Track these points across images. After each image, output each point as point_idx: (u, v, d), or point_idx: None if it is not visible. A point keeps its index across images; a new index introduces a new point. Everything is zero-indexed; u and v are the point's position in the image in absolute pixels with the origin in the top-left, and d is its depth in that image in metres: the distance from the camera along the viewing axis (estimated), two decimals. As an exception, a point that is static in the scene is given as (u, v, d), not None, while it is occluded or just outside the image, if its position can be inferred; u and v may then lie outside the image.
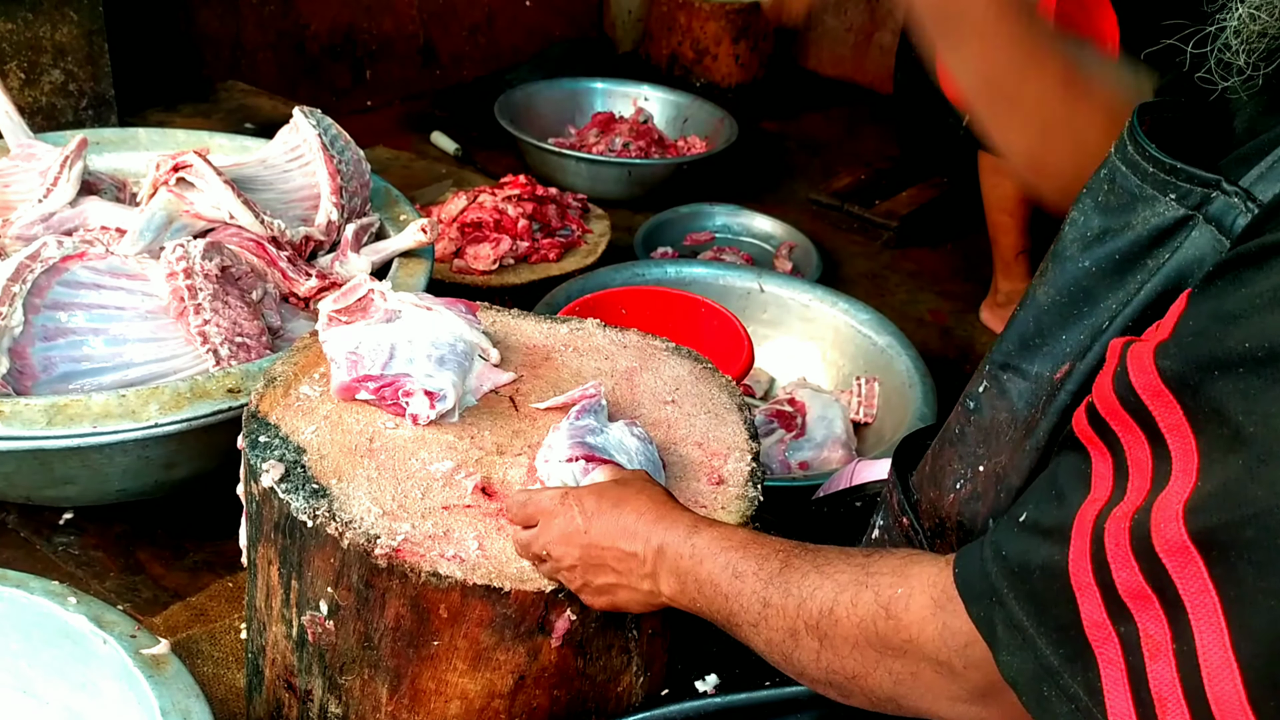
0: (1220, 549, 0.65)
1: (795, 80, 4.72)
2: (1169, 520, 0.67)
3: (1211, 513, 0.65)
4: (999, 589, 0.77)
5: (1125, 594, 0.69)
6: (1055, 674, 0.73)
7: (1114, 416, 0.74)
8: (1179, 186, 0.85)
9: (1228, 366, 0.67)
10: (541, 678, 1.14)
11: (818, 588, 0.91)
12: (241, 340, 1.68)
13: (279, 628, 1.24)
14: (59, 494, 1.68)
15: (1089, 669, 0.71)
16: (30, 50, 2.72)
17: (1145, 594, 0.68)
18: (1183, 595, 0.66)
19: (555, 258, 2.73)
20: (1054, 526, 0.75)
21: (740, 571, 0.97)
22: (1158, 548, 0.67)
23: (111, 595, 1.67)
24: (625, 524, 1.05)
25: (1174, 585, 0.66)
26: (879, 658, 0.87)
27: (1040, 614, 0.74)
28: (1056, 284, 0.92)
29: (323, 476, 1.18)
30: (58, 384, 1.61)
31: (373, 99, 4.01)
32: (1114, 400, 0.74)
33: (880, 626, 0.86)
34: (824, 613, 0.90)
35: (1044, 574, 0.74)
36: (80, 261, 1.73)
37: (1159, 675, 0.67)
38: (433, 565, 1.09)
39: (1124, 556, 0.69)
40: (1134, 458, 0.72)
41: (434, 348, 1.31)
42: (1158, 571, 0.67)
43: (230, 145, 2.28)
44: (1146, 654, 0.68)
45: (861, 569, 0.90)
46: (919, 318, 3.06)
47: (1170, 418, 0.70)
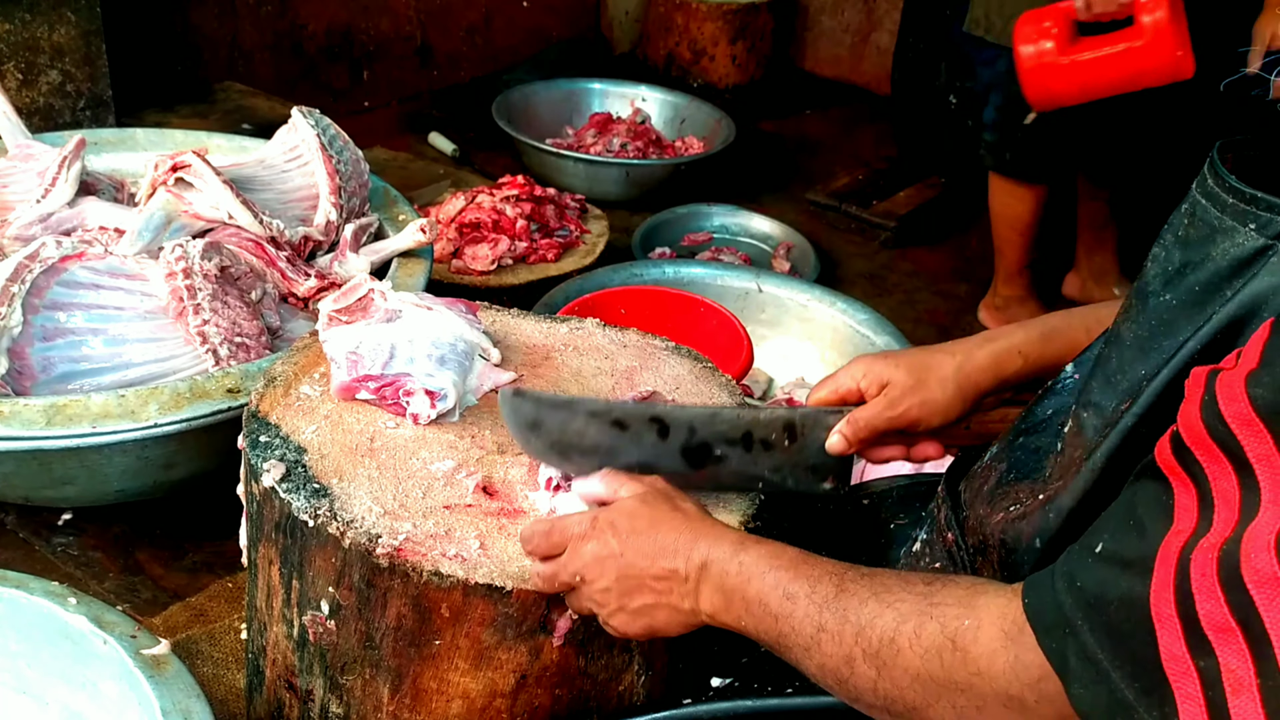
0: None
1: (793, 81, 4.73)
2: (1260, 550, 0.66)
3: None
4: (1073, 620, 0.76)
5: (1208, 627, 0.68)
6: (1130, 708, 0.72)
7: (1200, 446, 0.73)
8: (1259, 216, 0.85)
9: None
10: (543, 677, 1.14)
11: (877, 616, 0.89)
12: (241, 340, 1.68)
13: (280, 628, 1.23)
14: (58, 494, 1.67)
15: (1165, 703, 0.70)
16: (28, 51, 2.72)
17: (1229, 627, 0.67)
18: (1269, 628, 0.65)
19: (553, 258, 2.73)
20: (1135, 558, 0.74)
21: (792, 593, 0.94)
22: (1246, 579, 0.66)
23: (111, 596, 1.67)
24: (664, 543, 1.02)
25: (1260, 618, 0.65)
26: (941, 690, 0.85)
27: (1116, 647, 0.73)
28: (1139, 319, 0.92)
29: (324, 476, 1.18)
30: (57, 384, 1.61)
31: (370, 100, 4.01)
32: (1201, 430, 0.73)
33: (946, 659, 0.84)
34: (885, 642, 0.88)
35: (1122, 605, 0.73)
36: (79, 262, 1.72)
37: (1242, 710, 0.66)
38: (434, 564, 1.09)
39: (1210, 588, 0.68)
40: (1220, 489, 0.71)
41: (434, 347, 1.31)
42: (1244, 603, 0.66)
43: (228, 145, 2.28)
44: (1228, 689, 0.66)
45: (925, 599, 0.88)
46: (916, 318, 3.06)
47: (1261, 447, 0.69)
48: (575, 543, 1.05)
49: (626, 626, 1.05)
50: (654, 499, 1.07)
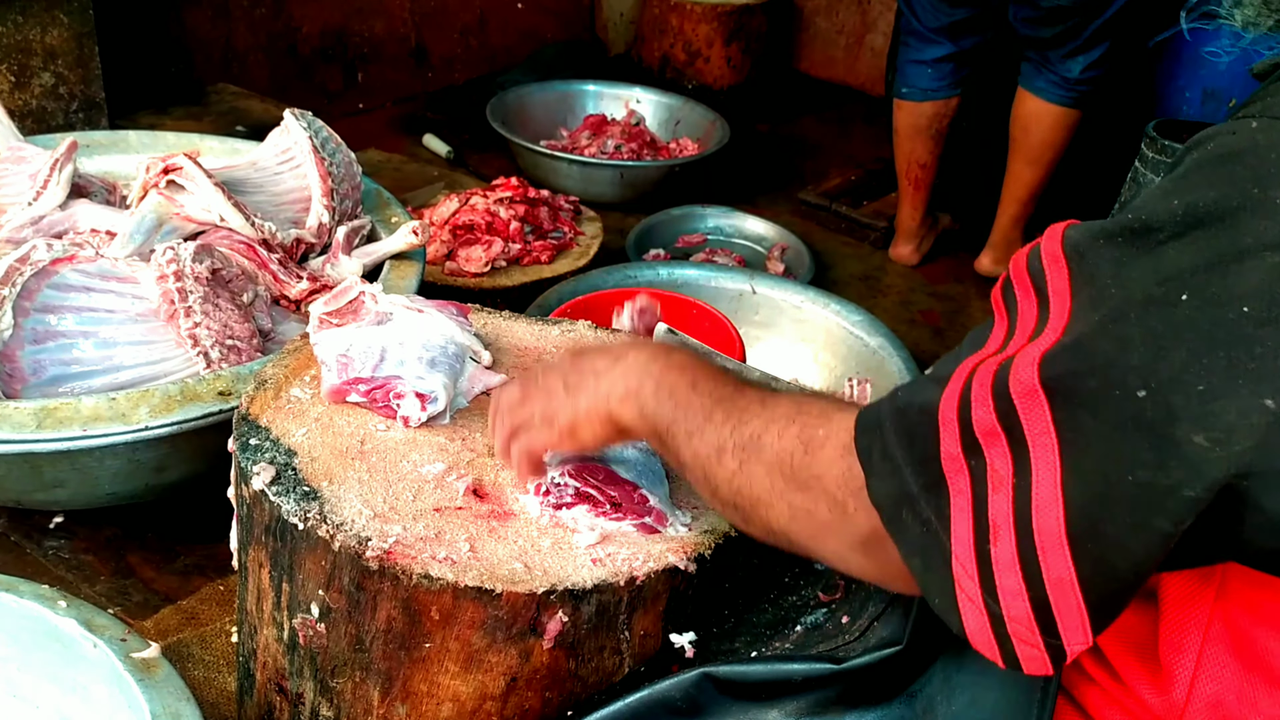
0: (1064, 395, 0.71)
1: (787, 82, 4.73)
2: (1026, 366, 0.73)
3: (1062, 362, 0.71)
4: (884, 423, 0.82)
5: (980, 431, 0.74)
6: (913, 499, 0.78)
7: (1019, 280, 0.80)
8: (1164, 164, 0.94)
9: (1111, 235, 0.74)
10: (533, 679, 1.14)
11: (756, 415, 0.95)
12: (232, 343, 1.68)
13: (270, 631, 1.23)
14: (49, 497, 1.67)
15: (941, 496, 0.77)
16: (20, 53, 2.72)
17: (996, 431, 0.73)
18: (1027, 434, 0.72)
19: (547, 260, 2.73)
20: (944, 375, 0.80)
21: (698, 387, 1.01)
22: (1012, 390, 0.73)
23: (102, 599, 1.67)
24: (607, 349, 1.11)
25: (1021, 425, 0.72)
26: (785, 488, 0.91)
27: (909, 446, 0.79)
28: None
29: (314, 479, 1.18)
30: (47, 387, 1.61)
31: (364, 101, 4.01)
32: (1024, 267, 0.80)
33: (796, 460, 0.90)
34: (753, 437, 0.94)
35: (919, 411, 0.80)
36: (70, 264, 1.72)
37: (997, 505, 0.73)
38: (424, 567, 1.09)
39: (984, 396, 0.75)
40: (1023, 317, 0.78)
41: (425, 350, 1.31)
42: (1009, 411, 0.73)
43: (221, 148, 2.28)
44: (990, 485, 0.74)
45: (796, 405, 0.94)
46: (910, 319, 3.06)
47: (1058, 281, 0.76)
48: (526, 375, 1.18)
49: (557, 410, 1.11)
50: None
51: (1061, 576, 0.71)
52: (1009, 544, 0.72)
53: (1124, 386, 0.68)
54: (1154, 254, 0.71)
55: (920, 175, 3.16)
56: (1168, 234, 0.71)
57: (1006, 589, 0.73)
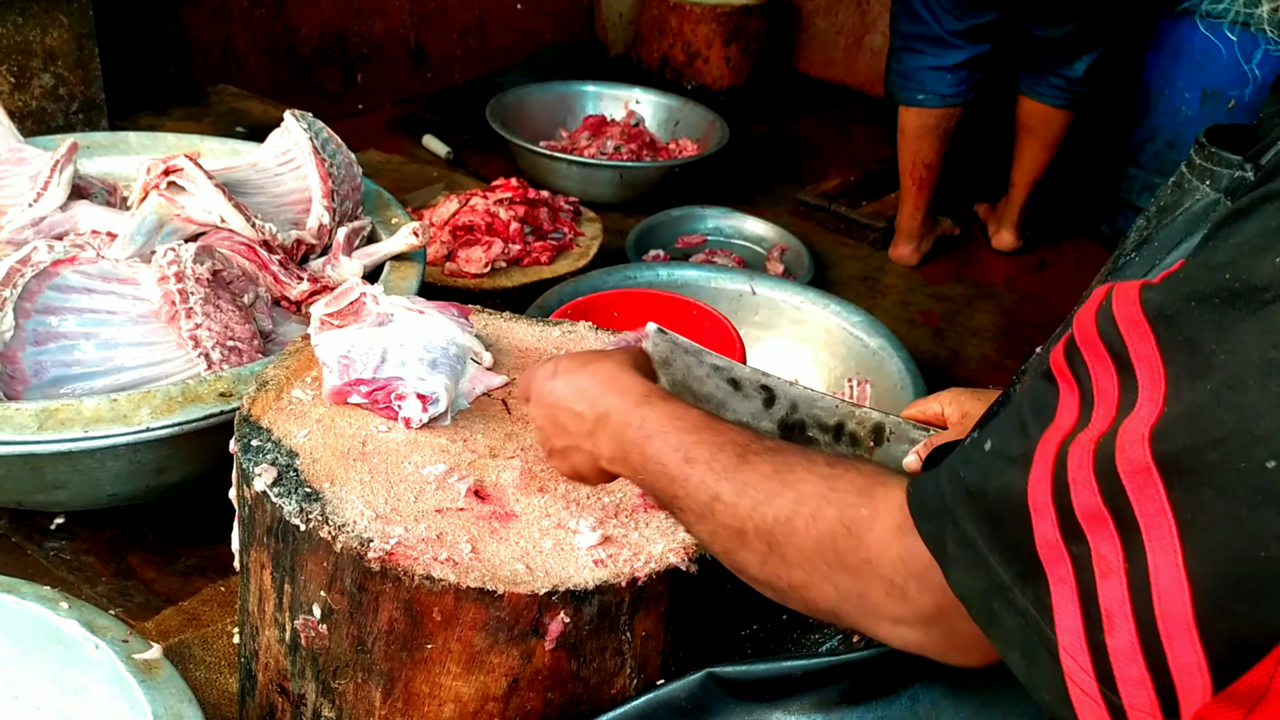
0: (1182, 472, 0.66)
1: (786, 83, 4.74)
2: (1134, 443, 0.68)
3: (1177, 436, 0.67)
4: (954, 509, 0.78)
5: (1081, 515, 0.70)
6: (1005, 589, 0.74)
7: (1089, 347, 0.75)
8: (1214, 171, 0.89)
9: (1206, 298, 0.69)
10: (535, 680, 1.14)
11: (776, 495, 0.89)
12: (233, 344, 1.68)
13: (272, 632, 1.23)
14: (50, 499, 1.67)
15: (1039, 585, 0.72)
16: (20, 54, 2.72)
17: (1101, 515, 0.69)
18: (1139, 516, 0.67)
19: (547, 261, 2.73)
20: (1018, 454, 0.76)
21: (692, 458, 0.95)
22: (1120, 470, 0.68)
23: (103, 600, 1.67)
24: (581, 384, 1.06)
25: (1131, 507, 0.68)
26: (829, 572, 0.86)
27: (993, 533, 0.75)
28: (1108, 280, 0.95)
29: (315, 480, 1.18)
30: (49, 388, 1.61)
31: (364, 102, 4.01)
32: (1093, 332, 0.75)
33: (840, 544, 0.86)
34: (780, 521, 0.89)
35: (1000, 494, 0.75)
36: (71, 266, 1.72)
37: (1109, 592, 0.69)
38: (426, 568, 1.09)
39: (1085, 479, 0.70)
40: (1101, 387, 0.73)
41: (426, 351, 1.31)
42: (1116, 493, 0.68)
43: (221, 149, 2.28)
44: (1098, 572, 0.69)
45: (825, 483, 0.88)
46: (910, 320, 3.07)
47: (1143, 348, 0.71)
48: (533, 381, 1.11)
49: (558, 466, 1.11)
50: (610, 351, 1.13)
51: (1189, 661, 0.66)
52: (1128, 633, 0.68)
53: (1250, 458, 0.64)
54: (1264, 315, 0.66)
55: (925, 175, 3.17)
56: (1275, 292, 0.66)
57: (1128, 679, 0.68)
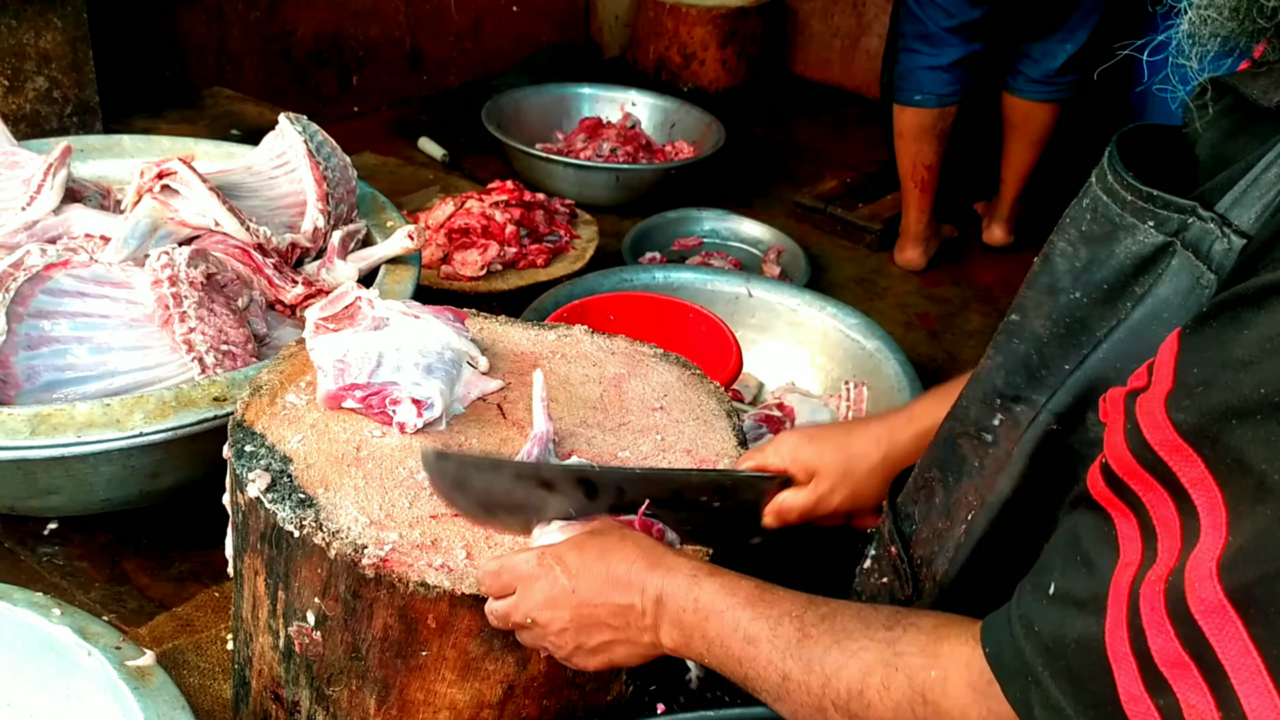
0: (1258, 605, 0.63)
1: (783, 85, 4.73)
2: (1203, 579, 0.65)
3: (1246, 568, 0.64)
4: (1034, 668, 0.76)
5: (1162, 663, 0.67)
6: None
7: (1132, 476, 0.73)
8: (1157, 214, 0.85)
9: (1245, 415, 0.66)
10: (530, 687, 1.13)
11: (842, 667, 0.87)
12: (227, 348, 1.67)
13: (265, 638, 1.23)
14: (43, 504, 1.66)
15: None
16: (14, 57, 2.71)
17: (1183, 662, 0.66)
18: (1222, 659, 0.64)
19: (543, 263, 2.72)
20: (1087, 597, 0.73)
21: (753, 636, 0.93)
22: (1193, 610, 0.66)
23: (97, 606, 1.66)
24: (617, 574, 1.01)
25: (1212, 650, 0.65)
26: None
27: (1078, 692, 0.73)
28: (1053, 316, 0.92)
29: (309, 486, 1.17)
30: (42, 393, 1.60)
31: (360, 105, 4.01)
32: (1131, 460, 0.73)
33: (918, 712, 0.83)
34: (853, 694, 0.86)
35: (1079, 648, 0.73)
36: (64, 270, 1.71)
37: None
38: (420, 575, 1.08)
39: (1160, 623, 0.67)
40: (1159, 516, 0.71)
41: (421, 356, 1.30)
42: (1194, 636, 0.66)
43: (216, 152, 2.27)
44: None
45: (888, 647, 0.86)
46: (907, 321, 3.06)
47: (1192, 472, 0.68)
48: (525, 583, 1.04)
49: (585, 663, 1.05)
50: (603, 530, 1.07)
51: None
52: None
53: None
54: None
55: (926, 177, 3.17)
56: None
57: None
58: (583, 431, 1.32)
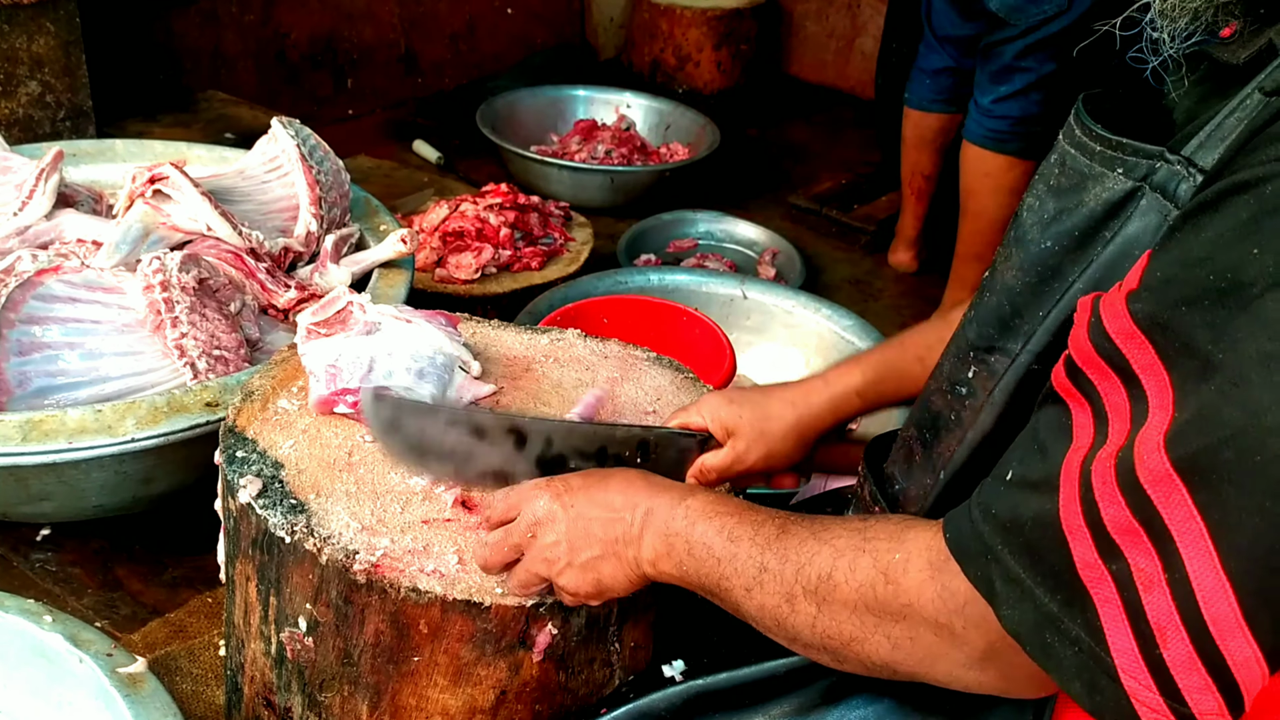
0: (1202, 474, 0.68)
1: (777, 86, 4.73)
2: (1151, 452, 0.70)
3: (1191, 440, 0.68)
4: (993, 546, 0.79)
5: (1114, 531, 0.71)
6: (1056, 620, 0.75)
7: (1091, 365, 0.77)
8: (1125, 161, 0.89)
9: (1194, 301, 0.71)
10: (523, 692, 1.13)
11: (816, 554, 0.92)
12: (219, 353, 1.66)
13: (257, 644, 1.22)
14: (35, 510, 1.66)
15: (1086, 610, 0.73)
16: (6, 62, 2.70)
17: (1133, 529, 0.70)
18: (1169, 525, 0.69)
19: (538, 266, 2.72)
20: (1041, 479, 0.77)
21: (736, 535, 0.97)
22: (1142, 480, 0.70)
23: (90, 612, 1.66)
24: (612, 494, 1.06)
25: (1160, 516, 0.69)
26: (878, 622, 0.88)
27: (1035, 564, 0.76)
28: (1023, 266, 0.95)
29: (301, 492, 1.17)
30: (33, 399, 1.60)
31: (354, 107, 4.00)
32: (1090, 350, 0.77)
33: (879, 591, 0.87)
34: (822, 578, 0.91)
35: (1035, 524, 0.76)
36: (55, 275, 1.71)
37: (1155, 605, 0.70)
38: (412, 580, 1.08)
39: (1111, 494, 0.71)
40: (1112, 403, 0.75)
41: (414, 360, 1.30)
42: (1143, 504, 0.70)
43: (209, 156, 2.26)
44: (1140, 587, 0.70)
45: (859, 534, 0.91)
46: (902, 323, 3.06)
47: (1143, 358, 0.73)
48: (529, 500, 1.08)
49: (577, 583, 1.06)
50: (611, 469, 1.14)
51: (1246, 657, 0.68)
52: (1182, 643, 0.69)
53: (1265, 450, 0.66)
54: (1255, 310, 0.68)
55: (923, 186, 3.17)
56: (1263, 286, 0.68)
57: (1191, 688, 0.70)
58: (575, 436, 1.32)
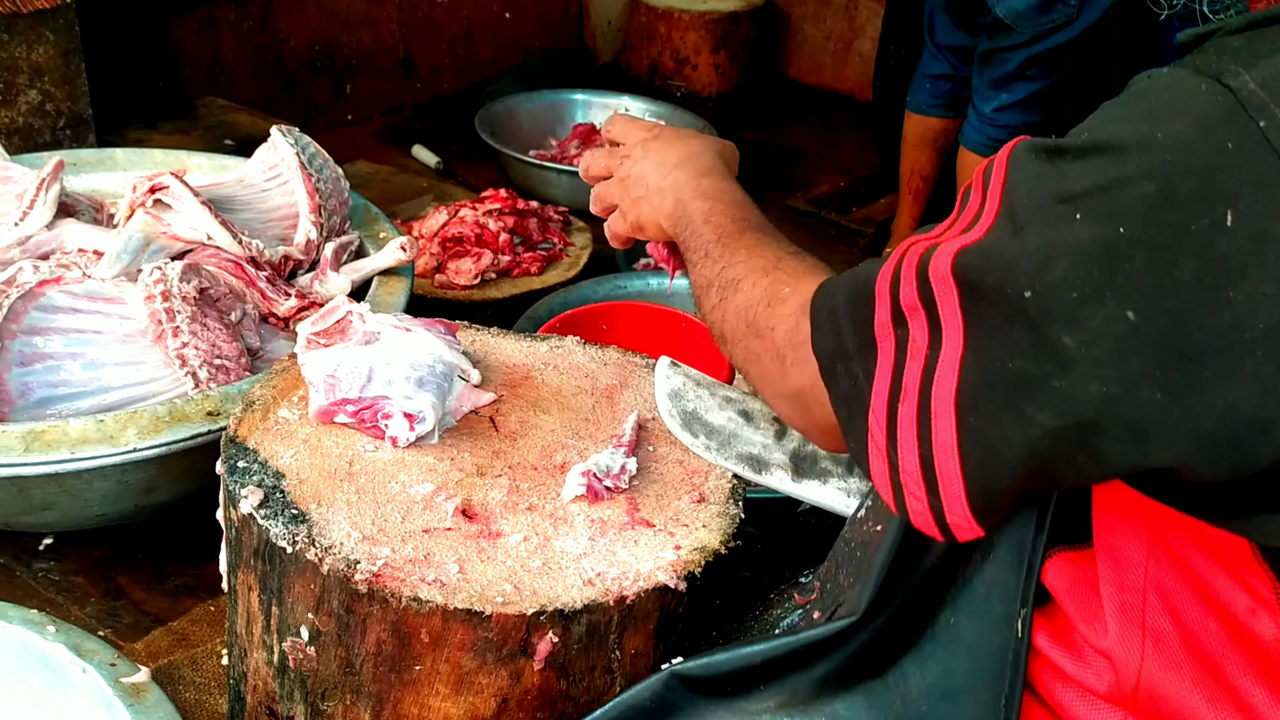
0: (969, 286, 0.81)
1: (775, 88, 4.73)
2: (944, 256, 0.83)
3: (973, 259, 0.82)
4: (840, 288, 0.95)
5: (905, 305, 0.86)
6: (848, 356, 0.91)
7: (977, 179, 0.89)
8: None
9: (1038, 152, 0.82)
10: (525, 700, 1.14)
11: (742, 261, 1.10)
12: (220, 362, 1.67)
13: (260, 654, 1.23)
14: (38, 520, 1.66)
15: (869, 357, 0.89)
16: (5, 71, 2.71)
17: (917, 307, 0.85)
18: (941, 314, 0.83)
19: (537, 271, 2.73)
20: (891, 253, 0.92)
21: (712, 221, 1.17)
22: (931, 275, 0.84)
23: (93, 621, 1.66)
24: (677, 147, 1.28)
25: (936, 305, 0.83)
26: (746, 333, 1.06)
27: (853, 310, 0.91)
28: None
29: (302, 501, 1.17)
30: (35, 409, 1.60)
31: (353, 113, 4.01)
32: (983, 167, 0.88)
33: (758, 310, 1.05)
34: (732, 281, 1.09)
35: (864, 281, 0.91)
36: (56, 286, 1.72)
37: (910, 370, 0.85)
38: (413, 590, 1.09)
39: (909, 276, 0.86)
40: (967, 211, 0.87)
41: (413, 369, 1.31)
42: (928, 293, 0.84)
43: (208, 164, 2.27)
44: (909, 354, 0.85)
45: (775, 262, 1.08)
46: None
47: (996, 184, 0.84)
48: (633, 133, 1.34)
49: (625, 214, 1.31)
50: (703, 134, 1.33)
51: (946, 441, 0.82)
52: (912, 404, 0.84)
53: (1015, 287, 0.78)
54: (1060, 172, 0.79)
55: (921, 187, 3.17)
56: (1073, 155, 0.79)
57: (904, 443, 0.85)
58: (575, 443, 1.33)
